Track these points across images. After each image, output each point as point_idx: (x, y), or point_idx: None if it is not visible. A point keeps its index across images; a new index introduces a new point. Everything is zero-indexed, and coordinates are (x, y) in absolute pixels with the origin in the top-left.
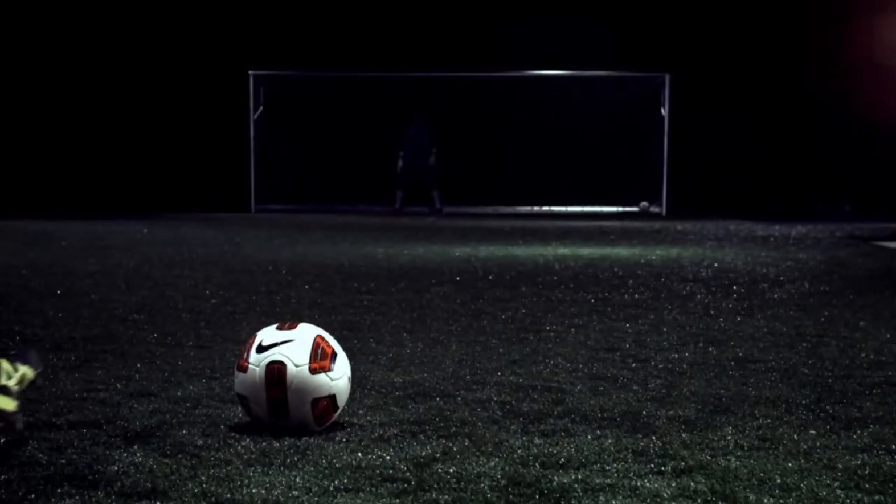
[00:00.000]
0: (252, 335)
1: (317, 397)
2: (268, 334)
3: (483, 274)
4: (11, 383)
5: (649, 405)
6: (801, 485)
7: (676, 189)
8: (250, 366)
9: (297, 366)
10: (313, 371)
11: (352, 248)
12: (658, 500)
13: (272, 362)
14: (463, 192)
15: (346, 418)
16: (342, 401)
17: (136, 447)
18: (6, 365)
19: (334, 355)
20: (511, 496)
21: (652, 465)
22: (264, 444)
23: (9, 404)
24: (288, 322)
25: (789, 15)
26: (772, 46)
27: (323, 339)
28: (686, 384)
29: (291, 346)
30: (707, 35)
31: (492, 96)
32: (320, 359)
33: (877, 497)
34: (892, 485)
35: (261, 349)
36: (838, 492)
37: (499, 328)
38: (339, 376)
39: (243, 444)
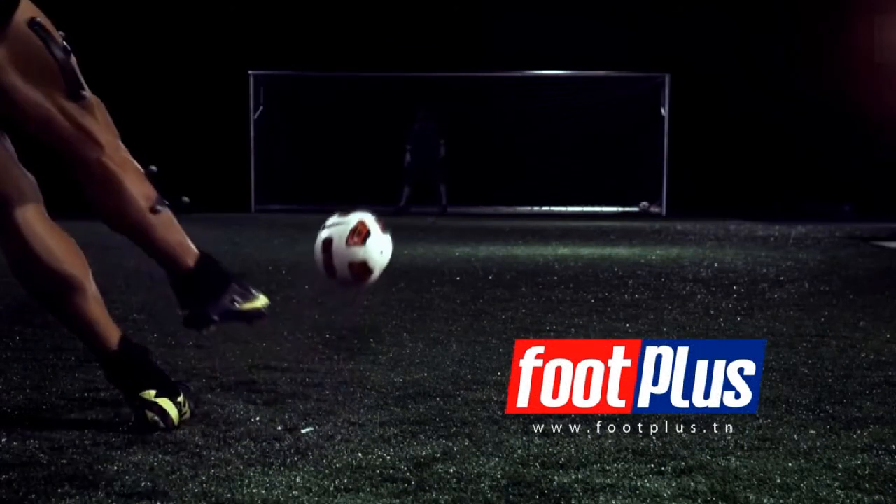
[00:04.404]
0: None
1: (352, 262)
2: (331, 219)
3: (483, 274)
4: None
5: None
6: (801, 485)
7: (676, 189)
8: (317, 239)
9: (339, 239)
10: (348, 244)
11: None
12: (658, 500)
13: (325, 237)
14: (463, 192)
15: (346, 418)
16: (375, 265)
17: (136, 447)
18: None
19: (368, 235)
20: (511, 496)
21: (652, 465)
22: (264, 444)
23: (172, 410)
24: (348, 210)
25: (789, 15)
26: (772, 46)
27: (363, 223)
28: None
29: (340, 226)
30: (707, 35)
31: (491, 96)
32: (356, 237)
33: (877, 497)
34: (892, 485)
35: (323, 228)
36: (838, 492)
37: (499, 328)
38: (369, 248)
39: (243, 444)
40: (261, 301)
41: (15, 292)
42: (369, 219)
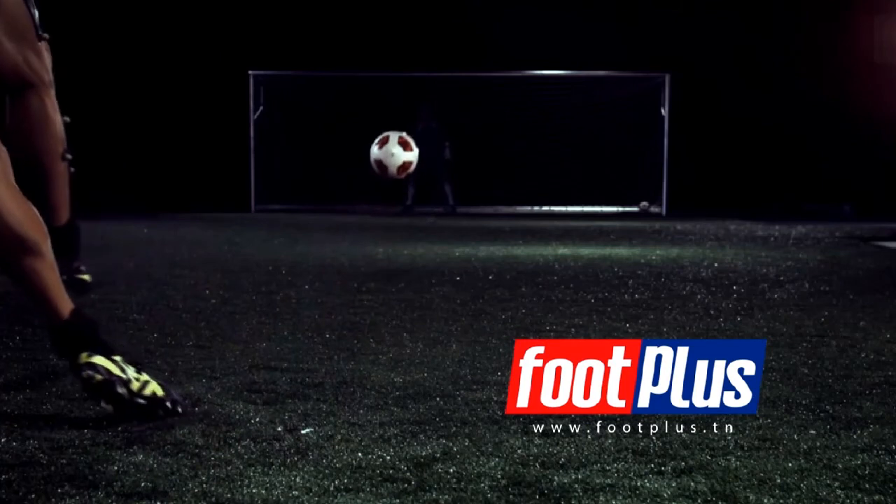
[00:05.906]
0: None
1: (375, 159)
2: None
3: (483, 274)
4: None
5: None
6: (801, 485)
7: (676, 189)
8: None
9: (373, 145)
10: (378, 146)
11: (352, 248)
12: (658, 500)
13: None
14: (463, 192)
15: (346, 418)
16: (388, 164)
17: (136, 447)
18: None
19: (386, 142)
20: (511, 496)
21: (652, 465)
22: (264, 444)
23: (111, 366)
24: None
25: (789, 15)
26: (772, 46)
27: (387, 136)
28: None
29: (377, 140)
30: (707, 35)
31: (491, 96)
32: (379, 143)
33: (877, 497)
34: (892, 485)
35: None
36: (838, 492)
37: (499, 328)
38: (385, 151)
39: (243, 444)
40: (87, 276)
41: (15, 292)
42: (393, 133)
